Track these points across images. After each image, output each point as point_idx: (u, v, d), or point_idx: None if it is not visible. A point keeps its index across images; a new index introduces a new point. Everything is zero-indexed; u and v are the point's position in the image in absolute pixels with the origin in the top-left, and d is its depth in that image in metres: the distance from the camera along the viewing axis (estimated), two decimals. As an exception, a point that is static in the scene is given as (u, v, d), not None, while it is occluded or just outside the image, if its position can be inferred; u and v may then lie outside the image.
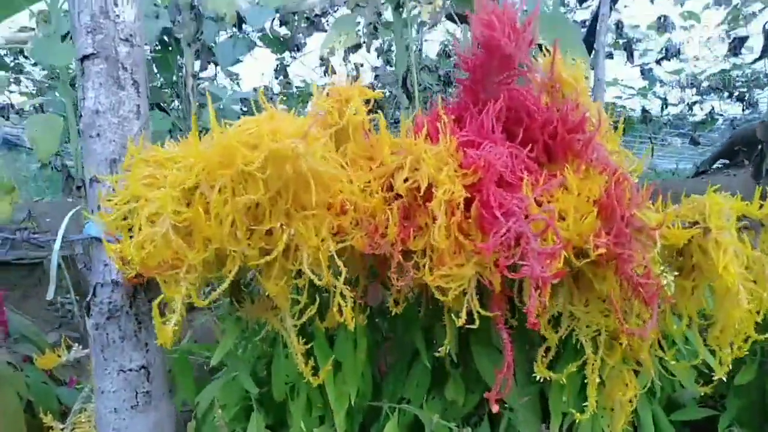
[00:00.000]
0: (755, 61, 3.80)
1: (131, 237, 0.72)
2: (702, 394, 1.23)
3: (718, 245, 0.86)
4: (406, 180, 0.82)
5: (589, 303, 0.94)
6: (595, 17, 2.32)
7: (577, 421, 1.01)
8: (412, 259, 0.84)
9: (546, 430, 1.11)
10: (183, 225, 0.73)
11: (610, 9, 2.53)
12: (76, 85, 0.91)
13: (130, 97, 0.90)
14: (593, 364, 0.95)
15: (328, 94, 0.92)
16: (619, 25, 4.35)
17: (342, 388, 1.19)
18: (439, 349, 1.03)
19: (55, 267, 0.87)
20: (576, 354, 1.00)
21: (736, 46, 4.18)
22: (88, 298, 0.91)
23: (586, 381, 0.99)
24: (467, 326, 1.21)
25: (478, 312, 0.83)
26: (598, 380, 0.97)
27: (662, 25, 4.24)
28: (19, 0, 1.73)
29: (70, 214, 0.91)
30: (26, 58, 3.26)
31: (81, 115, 0.90)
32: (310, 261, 0.79)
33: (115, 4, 0.87)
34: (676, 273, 0.94)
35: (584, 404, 0.99)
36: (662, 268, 0.92)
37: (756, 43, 3.90)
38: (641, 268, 0.81)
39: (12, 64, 3.32)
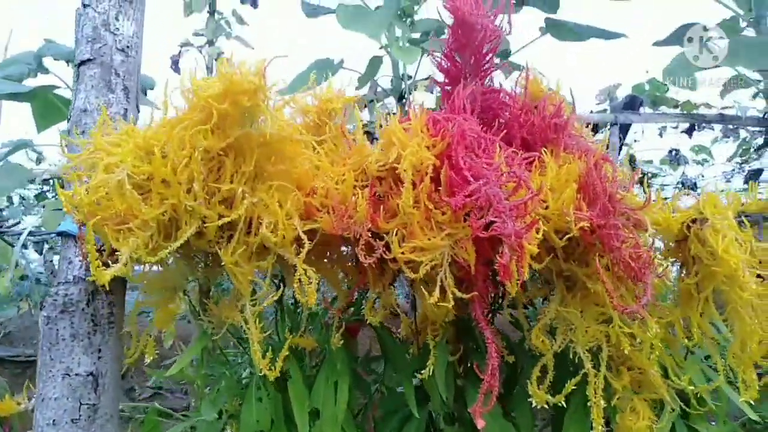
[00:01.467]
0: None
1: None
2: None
3: (716, 232, 0.79)
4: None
5: (585, 311, 0.85)
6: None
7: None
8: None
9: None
10: (140, 178, 0.71)
11: (620, 142, 2.63)
12: (72, 91, 0.96)
13: (119, 101, 0.94)
14: (595, 383, 0.83)
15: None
16: (632, 160, 4.47)
17: (320, 442, 1.05)
18: (422, 372, 0.92)
19: (18, 253, 0.84)
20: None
21: (752, 178, 4.23)
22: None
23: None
24: (462, 377, 1.12)
25: (453, 293, 0.75)
26: (604, 405, 0.84)
27: (674, 158, 4.35)
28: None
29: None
30: None
31: (69, 117, 0.93)
32: (275, 238, 0.75)
33: (116, 19, 0.95)
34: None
35: (591, 436, 0.84)
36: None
37: (771, 176, 3.92)
38: (631, 242, 0.74)
39: None
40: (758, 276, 0.80)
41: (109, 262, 0.73)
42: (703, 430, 1.06)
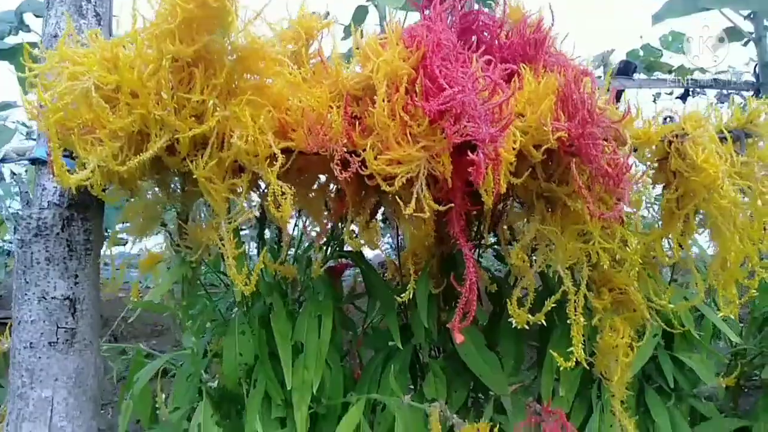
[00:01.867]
0: None
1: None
2: (725, 386, 1.06)
3: (696, 144, 0.78)
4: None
5: (564, 230, 0.84)
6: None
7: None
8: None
9: (537, 406, 0.94)
10: (108, 89, 0.69)
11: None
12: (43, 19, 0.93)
13: (90, 26, 0.92)
14: (575, 301, 0.83)
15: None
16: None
17: (304, 376, 1.05)
18: (401, 296, 0.91)
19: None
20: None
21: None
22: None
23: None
24: (446, 311, 1.12)
25: (430, 206, 0.74)
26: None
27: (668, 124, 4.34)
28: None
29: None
30: None
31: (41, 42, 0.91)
32: (246, 146, 0.74)
33: (88, -56, 0.92)
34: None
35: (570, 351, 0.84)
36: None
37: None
38: (608, 150, 0.73)
39: None
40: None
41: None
42: (686, 359, 1.07)
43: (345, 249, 1.12)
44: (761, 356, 1.14)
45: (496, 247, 1.16)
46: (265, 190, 0.93)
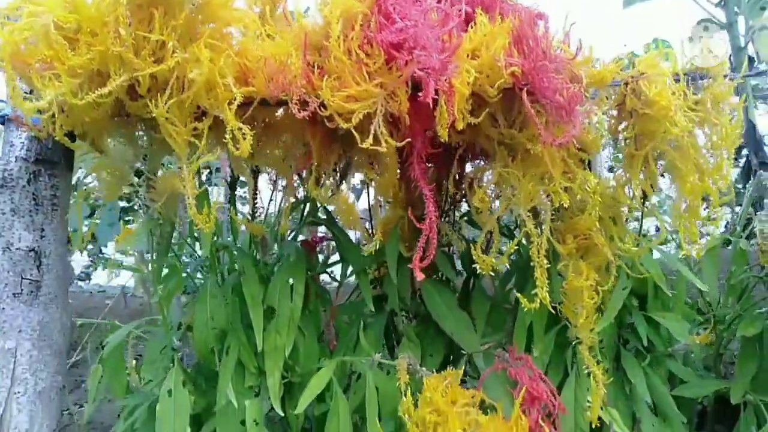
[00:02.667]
0: None
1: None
2: (699, 343, 1.05)
3: (650, 82, 0.79)
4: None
5: (526, 173, 0.85)
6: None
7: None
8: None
9: (503, 354, 0.93)
10: (68, 28, 0.71)
11: None
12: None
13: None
14: (538, 244, 0.83)
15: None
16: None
17: (276, 341, 1.05)
18: (366, 248, 0.91)
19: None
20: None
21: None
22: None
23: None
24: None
25: (388, 142, 0.75)
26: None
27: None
28: None
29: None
30: None
31: None
32: (201, 77, 0.75)
33: None
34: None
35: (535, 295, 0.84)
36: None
37: None
38: (561, 82, 0.74)
39: None
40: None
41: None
42: (660, 319, 1.06)
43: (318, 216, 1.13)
44: (739, 319, 1.14)
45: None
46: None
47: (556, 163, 0.81)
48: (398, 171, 0.90)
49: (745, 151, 1.75)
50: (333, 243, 1.20)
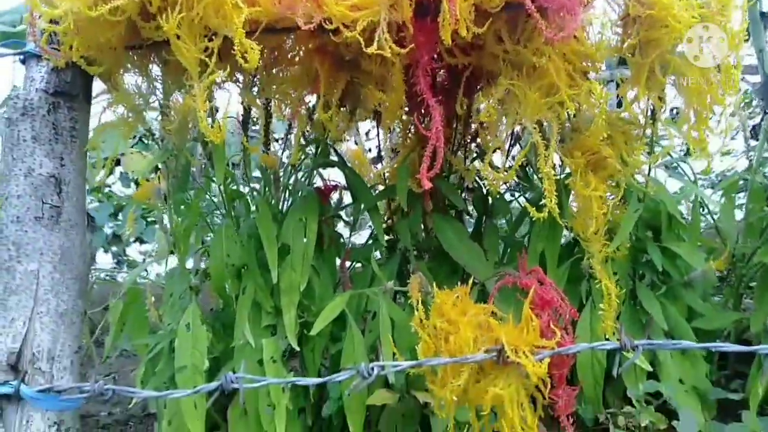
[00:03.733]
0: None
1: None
2: (717, 273, 1.04)
3: (652, -14, 0.80)
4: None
5: (532, 86, 0.85)
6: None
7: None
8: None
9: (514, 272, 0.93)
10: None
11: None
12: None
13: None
14: (545, 156, 0.83)
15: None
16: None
17: (291, 277, 1.06)
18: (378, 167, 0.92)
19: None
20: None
21: (756, 133, 4.17)
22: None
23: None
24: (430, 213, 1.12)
25: (392, 48, 0.76)
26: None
27: (676, 117, 4.32)
28: None
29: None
30: None
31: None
32: (217, 17, 0.77)
33: None
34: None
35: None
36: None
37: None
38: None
39: None
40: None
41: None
42: (674, 248, 1.05)
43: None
44: (758, 251, 1.12)
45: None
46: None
47: (561, 74, 0.82)
48: (405, 90, 0.90)
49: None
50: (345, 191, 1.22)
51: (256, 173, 1.15)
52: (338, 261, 1.19)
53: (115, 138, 1.04)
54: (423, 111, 1.03)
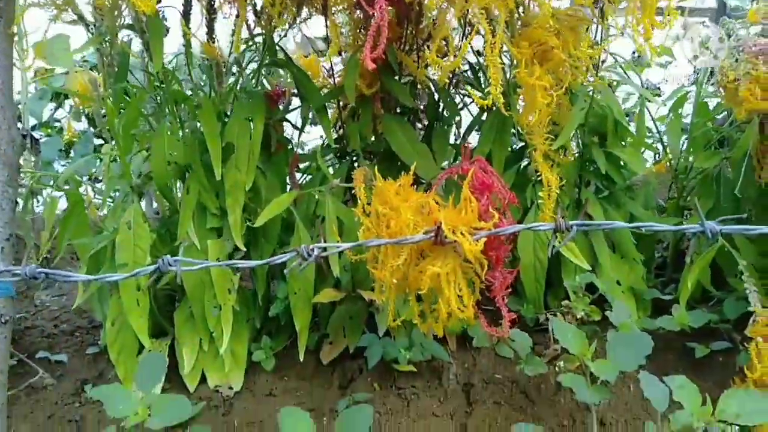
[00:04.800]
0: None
1: None
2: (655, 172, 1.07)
3: None
4: None
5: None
6: None
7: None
8: None
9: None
10: None
11: None
12: None
13: None
14: (491, 44, 0.82)
15: None
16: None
17: (236, 177, 1.04)
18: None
19: None
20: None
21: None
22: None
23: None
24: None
25: None
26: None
27: (637, 61, 4.36)
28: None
29: None
30: None
31: None
32: None
33: None
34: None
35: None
36: None
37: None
38: None
39: None
40: None
41: None
42: (618, 152, 1.07)
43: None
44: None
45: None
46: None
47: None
48: None
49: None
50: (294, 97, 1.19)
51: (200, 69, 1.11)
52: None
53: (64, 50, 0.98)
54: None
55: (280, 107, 1.16)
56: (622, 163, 1.08)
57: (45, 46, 0.82)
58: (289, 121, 1.17)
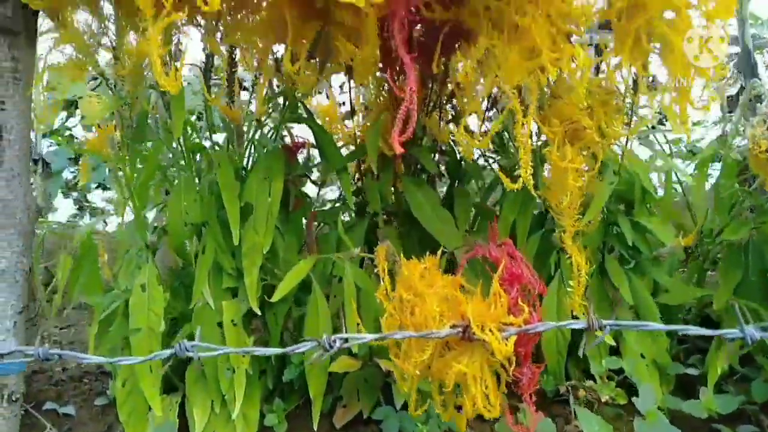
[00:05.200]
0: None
1: None
2: (684, 248, 1.04)
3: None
4: None
5: (512, 44, 0.80)
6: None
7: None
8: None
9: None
10: None
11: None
12: None
13: None
14: (523, 123, 0.79)
15: None
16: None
17: (253, 239, 1.01)
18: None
19: None
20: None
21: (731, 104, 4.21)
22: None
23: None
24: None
25: None
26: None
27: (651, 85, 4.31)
28: None
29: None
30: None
31: None
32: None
33: None
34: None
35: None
36: None
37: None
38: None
39: None
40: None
41: None
42: (645, 222, 1.04)
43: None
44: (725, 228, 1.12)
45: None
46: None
47: (544, 36, 0.77)
48: (379, 45, 0.84)
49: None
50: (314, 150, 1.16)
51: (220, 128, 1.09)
52: (304, 222, 1.15)
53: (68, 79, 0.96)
54: (397, 68, 0.98)
55: (300, 160, 1.14)
56: (648, 231, 1.05)
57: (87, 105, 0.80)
58: (309, 177, 1.15)
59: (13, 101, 0.82)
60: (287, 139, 1.16)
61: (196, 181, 1.06)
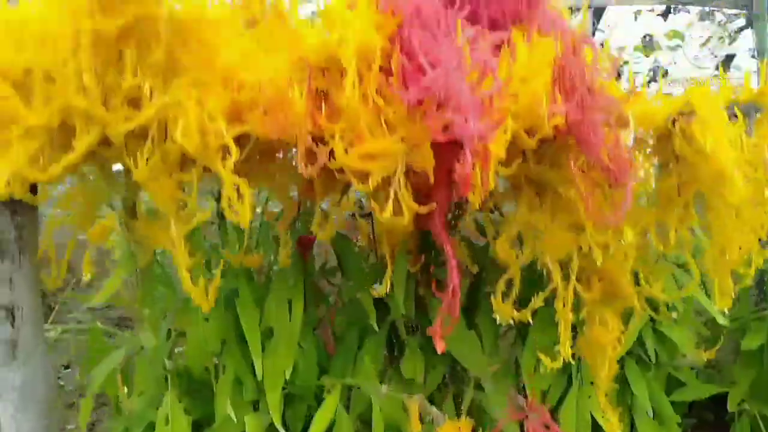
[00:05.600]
0: None
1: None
2: (705, 360, 1.04)
3: (704, 127, 0.70)
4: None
5: (555, 219, 0.76)
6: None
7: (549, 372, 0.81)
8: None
9: (520, 399, 0.90)
10: (17, 73, 0.57)
11: (594, 27, 2.48)
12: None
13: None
14: (564, 297, 0.77)
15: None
16: (603, 46, 4.31)
17: (275, 362, 0.99)
18: (376, 286, 0.84)
19: None
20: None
21: (724, 64, 4.12)
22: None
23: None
24: (424, 286, 1.06)
25: (409, 206, 0.65)
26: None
27: (648, 44, 4.19)
28: None
29: None
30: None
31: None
32: (192, 144, 0.63)
33: None
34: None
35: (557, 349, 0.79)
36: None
37: (743, 62, 3.84)
38: (611, 140, 0.64)
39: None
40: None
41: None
42: (672, 336, 1.04)
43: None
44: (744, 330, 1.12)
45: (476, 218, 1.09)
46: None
47: (589, 214, 0.73)
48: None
49: None
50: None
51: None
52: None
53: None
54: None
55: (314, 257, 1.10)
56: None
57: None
58: (328, 281, 1.11)
59: (21, 274, 0.76)
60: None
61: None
